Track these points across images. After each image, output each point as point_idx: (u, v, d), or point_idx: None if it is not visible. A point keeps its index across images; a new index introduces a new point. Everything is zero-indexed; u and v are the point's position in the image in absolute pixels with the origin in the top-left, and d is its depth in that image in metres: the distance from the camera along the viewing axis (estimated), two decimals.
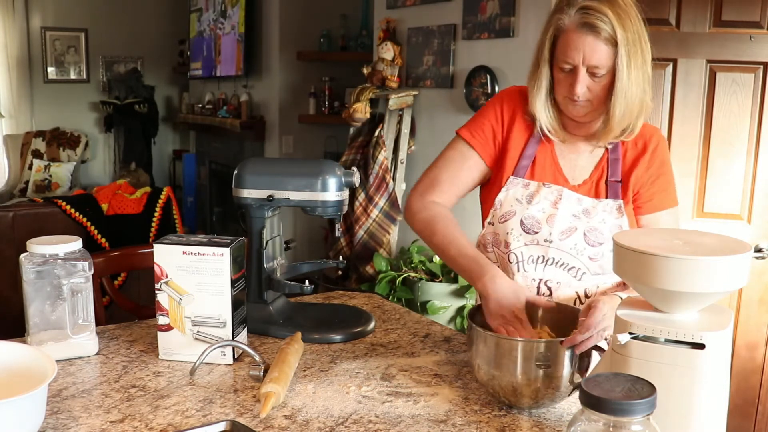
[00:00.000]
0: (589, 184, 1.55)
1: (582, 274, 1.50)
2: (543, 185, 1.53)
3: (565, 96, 1.47)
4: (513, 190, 1.55)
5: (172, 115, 7.23)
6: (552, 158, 1.57)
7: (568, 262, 1.50)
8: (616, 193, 1.54)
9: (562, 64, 1.44)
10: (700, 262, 0.97)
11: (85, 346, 1.44)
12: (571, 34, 1.41)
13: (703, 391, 0.99)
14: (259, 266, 1.61)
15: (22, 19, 6.53)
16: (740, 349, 2.70)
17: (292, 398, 1.26)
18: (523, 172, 1.56)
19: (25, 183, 6.37)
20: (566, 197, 1.52)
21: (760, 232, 2.64)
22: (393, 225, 3.74)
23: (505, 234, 1.53)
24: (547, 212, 1.51)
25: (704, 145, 2.67)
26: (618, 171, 1.54)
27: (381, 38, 3.88)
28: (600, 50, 1.39)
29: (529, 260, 1.52)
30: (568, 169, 1.56)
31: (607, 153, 1.55)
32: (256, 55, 5.48)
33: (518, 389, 1.20)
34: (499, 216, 1.55)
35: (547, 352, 1.19)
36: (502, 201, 1.55)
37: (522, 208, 1.52)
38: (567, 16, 1.41)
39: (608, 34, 1.38)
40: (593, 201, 1.52)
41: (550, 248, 1.50)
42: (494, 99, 1.64)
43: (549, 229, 1.50)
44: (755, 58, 2.58)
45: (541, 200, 1.52)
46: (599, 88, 1.43)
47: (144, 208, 3.71)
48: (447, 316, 3.24)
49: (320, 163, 1.61)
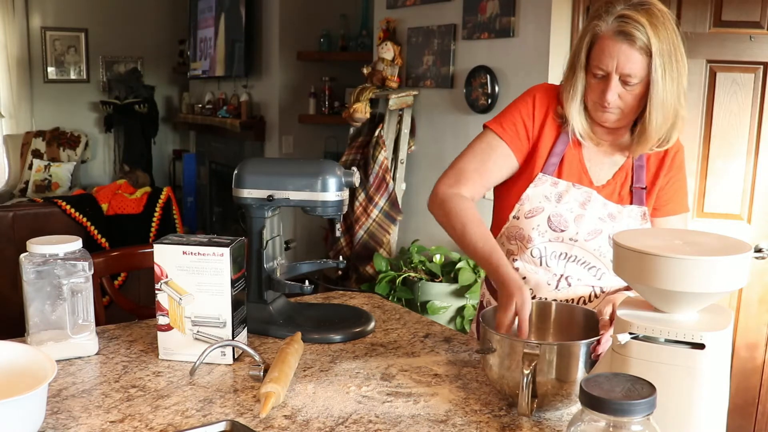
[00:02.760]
0: (613, 186, 1.56)
1: (602, 274, 1.54)
2: (573, 185, 1.55)
3: (596, 102, 1.48)
4: (541, 187, 1.55)
5: (172, 115, 7.23)
6: (579, 158, 1.57)
7: (590, 262, 1.54)
8: (641, 199, 1.56)
9: (595, 70, 1.45)
10: (700, 262, 0.97)
11: (85, 346, 1.44)
12: (606, 41, 1.42)
13: (703, 391, 0.99)
14: (259, 266, 1.61)
15: (22, 19, 6.52)
16: (740, 349, 2.70)
17: (292, 398, 1.26)
18: (552, 169, 1.56)
19: (25, 183, 6.37)
20: (594, 200, 1.53)
21: (760, 232, 2.64)
22: (393, 225, 3.74)
23: (531, 229, 1.54)
24: (575, 212, 1.53)
25: (704, 145, 2.67)
26: (643, 178, 1.56)
27: (381, 38, 3.88)
28: (634, 59, 1.40)
29: (552, 256, 1.54)
30: (594, 169, 1.57)
31: (632, 159, 1.57)
32: (256, 55, 5.48)
33: (550, 391, 1.20)
34: (526, 211, 1.56)
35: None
36: (530, 196, 1.56)
37: (550, 206, 1.54)
38: (604, 23, 1.42)
39: (643, 44, 1.38)
40: (618, 207, 1.55)
41: (574, 247, 1.53)
42: (527, 95, 1.62)
43: (576, 228, 1.52)
44: (755, 58, 2.58)
45: (570, 200, 1.53)
46: (630, 97, 1.44)
47: (144, 208, 3.71)
48: (447, 316, 3.24)
49: (320, 163, 1.60)
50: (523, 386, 1.14)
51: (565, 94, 1.52)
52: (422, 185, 3.81)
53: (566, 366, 1.18)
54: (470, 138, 1.65)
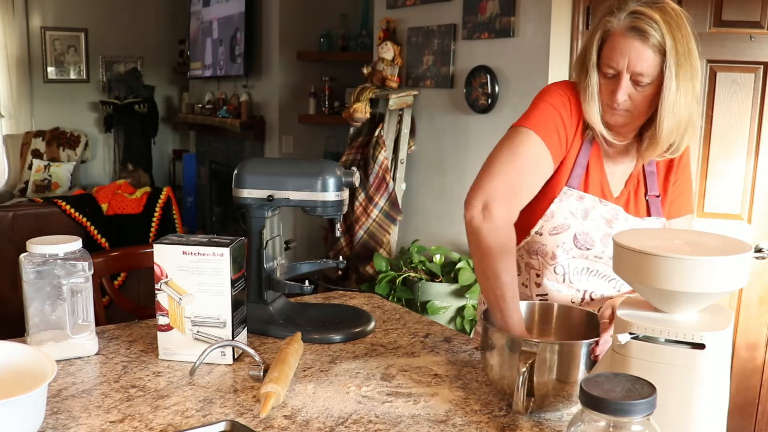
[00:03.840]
0: (627, 196, 1.51)
1: (621, 284, 1.51)
2: (599, 202, 1.48)
3: (605, 103, 1.41)
4: (567, 202, 1.47)
5: (172, 115, 7.23)
6: (600, 168, 1.50)
7: (610, 275, 1.50)
8: (658, 210, 1.51)
9: (606, 69, 1.38)
10: (700, 262, 0.97)
11: (85, 346, 1.43)
12: (618, 38, 1.35)
13: (703, 392, 0.99)
14: (259, 266, 1.61)
15: (22, 19, 6.53)
16: (740, 349, 2.70)
17: (292, 398, 1.26)
18: (577, 182, 1.47)
19: (25, 183, 6.37)
20: (620, 217, 1.48)
21: (760, 232, 2.64)
22: (393, 225, 3.74)
23: (555, 246, 1.48)
24: (602, 230, 1.47)
25: (704, 145, 2.68)
26: (655, 185, 1.51)
27: (381, 38, 3.88)
28: (646, 57, 1.32)
29: (575, 272, 1.50)
30: (611, 179, 1.51)
31: (643, 165, 1.51)
32: (256, 55, 5.48)
33: (548, 391, 1.19)
34: (550, 228, 1.48)
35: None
36: (555, 212, 1.47)
37: (577, 223, 1.47)
38: (616, 19, 1.35)
39: (657, 41, 1.31)
40: (638, 220, 1.50)
41: (598, 263, 1.49)
42: (560, 94, 1.47)
43: (602, 248, 1.47)
44: (755, 58, 2.58)
45: (597, 217, 1.47)
46: (641, 98, 1.37)
47: (144, 208, 3.71)
48: (447, 316, 3.24)
49: (320, 163, 1.60)
50: (518, 384, 1.14)
51: (582, 98, 1.44)
52: (422, 185, 3.81)
53: (566, 366, 1.18)
54: (470, 138, 1.63)
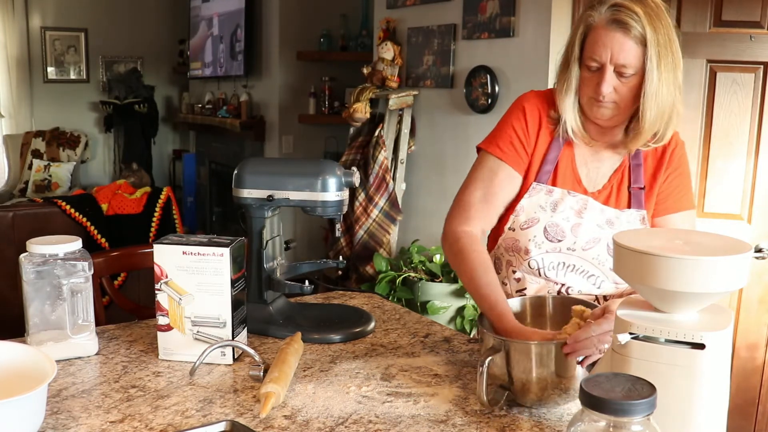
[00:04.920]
0: (609, 189, 1.52)
1: (601, 282, 1.51)
2: (568, 193, 1.51)
3: (591, 97, 1.43)
4: (536, 197, 1.52)
5: (172, 115, 7.22)
6: (572, 165, 1.53)
7: (588, 270, 1.50)
8: (640, 202, 1.51)
9: (589, 62, 1.41)
10: (700, 262, 0.97)
11: (85, 346, 1.43)
12: (600, 31, 1.38)
13: (703, 392, 0.99)
14: (259, 266, 1.61)
15: (22, 19, 6.52)
16: (740, 349, 2.70)
17: (292, 398, 1.26)
18: (546, 177, 1.52)
19: (25, 183, 6.37)
20: (591, 207, 1.50)
21: (760, 232, 2.64)
22: (393, 225, 3.74)
23: (527, 241, 1.50)
24: (571, 221, 1.49)
25: (704, 145, 2.67)
26: (640, 177, 1.52)
27: (381, 38, 3.88)
28: (629, 48, 1.36)
29: (550, 266, 1.51)
30: (586, 176, 1.54)
31: (628, 158, 1.52)
32: (256, 55, 5.48)
33: (527, 386, 1.21)
34: (521, 222, 1.52)
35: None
36: (525, 207, 1.52)
37: (546, 216, 1.50)
38: (597, 12, 1.39)
39: (638, 33, 1.35)
40: (616, 212, 1.50)
41: (572, 256, 1.49)
42: (515, 108, 1.58)
43: (573, 238, 1.48)
44: (755, 58, 2.58)
45: (566, 209, 1.50)
46: (626, 90, 1.40)
47: (144, 208, 3.71)
48: (447, 316, 3.24)
49: (320, 163, 1.60)
50: (478, 377, 1.17)
51: (558, 89, 1.49)
52: (422, 185, 3.81)
53: (544, 362, 1.19)
54: (470, 138, 1.65)
